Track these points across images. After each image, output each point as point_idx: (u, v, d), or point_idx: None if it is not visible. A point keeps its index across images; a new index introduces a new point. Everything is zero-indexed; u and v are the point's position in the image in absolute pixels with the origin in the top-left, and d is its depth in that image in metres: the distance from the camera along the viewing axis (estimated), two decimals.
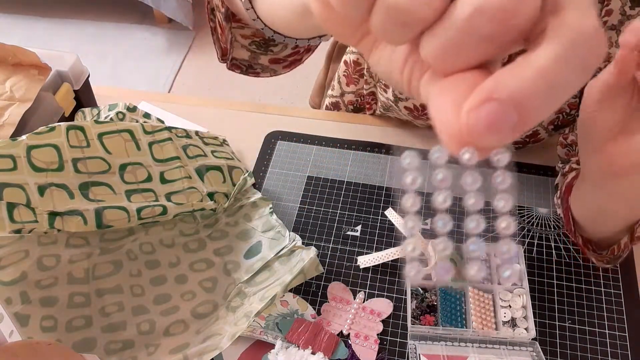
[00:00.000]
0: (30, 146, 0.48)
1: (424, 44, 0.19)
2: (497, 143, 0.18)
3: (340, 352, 0.51)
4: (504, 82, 0.17)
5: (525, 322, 0.52)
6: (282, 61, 0.56)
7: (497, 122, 0.17)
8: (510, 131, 0.18)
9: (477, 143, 0.18)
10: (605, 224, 0.51)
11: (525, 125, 0.18)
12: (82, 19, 2.26)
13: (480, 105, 0.18)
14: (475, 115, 0.18)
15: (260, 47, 0.52)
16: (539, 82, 0.17)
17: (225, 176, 0.62)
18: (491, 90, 0.17)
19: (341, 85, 0.78)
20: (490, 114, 0.17)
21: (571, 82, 0.18)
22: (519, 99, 0.17)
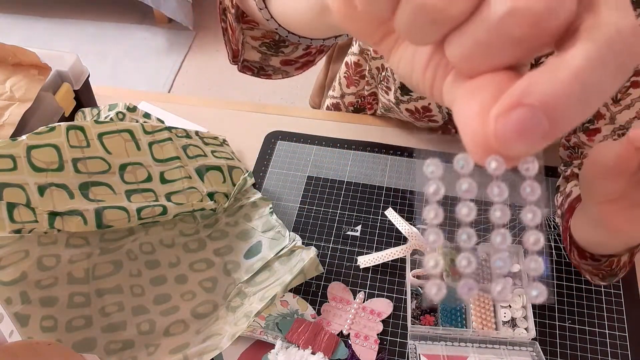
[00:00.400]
0: (30, 146, 0.48)
1: (450, 44, 0.18)
2: (526, 151, 0.17)
3: (340, 352, 0.51)
4: (536, 85, 0.16)
5: (525, 322, 0.52)
6: (293, 62, 0.55)
7: (527, 129, 0.16)
8: (541, 139, 0.16)
9: (505, 151, 0.17)
10: (604, 249, 0.50)
11: (557, 131, 0.16)
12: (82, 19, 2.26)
13: (509, 111, 0.16)
14: (504, 121, 0.16)
15: (270, 48, 0.52)
16: (574, 85, 0.16)
17: (225, 176, 0.62)
18: (522, 95, 0.16)
19: (341, 86, 0.78)
20: (521, 121, 0.16)
21: (607, 85, 0.16)
22: (551, 104, 0.16)
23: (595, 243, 0.50)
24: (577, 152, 0.59)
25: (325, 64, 0.87)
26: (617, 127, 0.54)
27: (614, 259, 0.50)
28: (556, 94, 0.16)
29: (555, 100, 0.16)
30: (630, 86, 0.53)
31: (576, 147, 0.59)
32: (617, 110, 0.54)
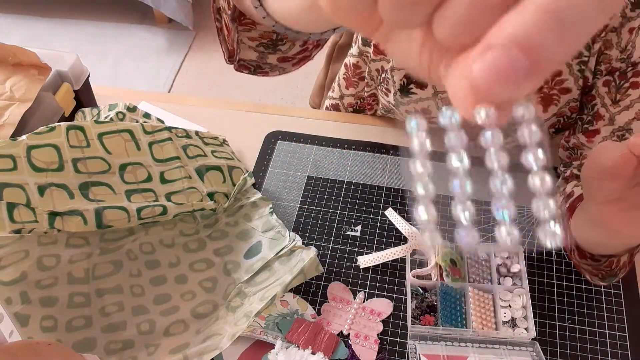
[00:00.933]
0: (30, 146, 0.48)
1: (436, 25, 0.18)
2: (514, 94, 0.16)
3: (340, 352, 0.51)
4: (505, 25, 0.16)
5: (525, 322, 0.52)
6: (290, 59, 0.55)
7: (505, 70, 0.16)
8: (524, 78, 0.16)
9: (490, 98, 0.17)
10: (604, 250, 0.51)
11: (541, 68, 0.16)
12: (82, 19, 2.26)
13: (482, 55, 0.16)
14: (480, 65, 0.16)
15: (267, 47, 0.52)
16: (544, 17, 0.15)
17: (225, 176, 0.62)
18: (492, 37, 0.16)
19: (341, 88, 0.78)
20: (496, 62, 0.16)
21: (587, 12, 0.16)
22: (523, 39, 0.15)
23: (595, 243, 0.50)
24: (577, 153, 0.59)
25: (325, 64, 0.87)
26: (617, 128, 0.54)
27: (614, 260, 0.50)
28: (526, 29, 0.15)
29: (527, 34, 0.15)
30: (630, 87, 0.53)
31: (575, 148, 0.59)
32: (616, 111, 0.54)
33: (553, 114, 0.61)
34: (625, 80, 0.53)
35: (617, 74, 0.54)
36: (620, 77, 0.53)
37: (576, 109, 0.60)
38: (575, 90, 0.57)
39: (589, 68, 0.55)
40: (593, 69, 0.55)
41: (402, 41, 0.22)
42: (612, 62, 0.53)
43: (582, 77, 0.56)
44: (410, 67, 0.23)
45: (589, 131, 0.57)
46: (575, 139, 0.58)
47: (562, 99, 0.59)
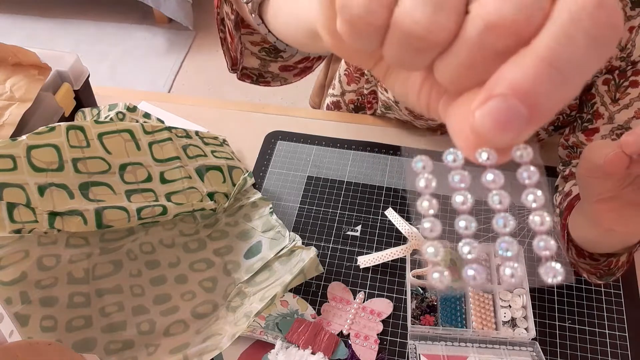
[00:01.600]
0: (30, 146, 0.48)
1: (437, 68, 0.19)
2: (513, 140, 0.17)
3: (340, 352, 0.51)
4: (505, 75, 0.16)
5: (525, 322, 0.52)
6: (292, 68, 0.56)
7: (505, 118, 0.16)
8: (524, 125, 0.16)
9: (490, 143, 0.17)
10: (602, 248, 0.51)
11: (539, 116, 0.17)
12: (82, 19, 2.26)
13: (483, 104, 0.17)
14: (481, 113, 0.17)
15: (270, 53, 0.52)
16: (541, 67, 0.16)
17: (225, 176, 0.62)
18: (492, 87, 0.17)
19: (342, 84, 0.78)
20: (496, 111, 0.16)
21: (582, 61, 0.16)
22: (522, 89, 0.16)
23: (592, 241, 0.50)
24: (576, 152, 0.59)
25: (325, 64, 0.87)
26: (616, 126, 0.54)
27: (613, 260, 0.50)
28: (525, 79, 0.16)
29: (525, 84, 0.16)
30: (629, 86, 0.53)
31: (575, 146, 0.59)
32: (615, 109, 0.54)
33: None
34: (625, 79, 0.53)
35: (616, 73, 0.54)
36: (620, 76, 0.53)
37: (575, 106, 0.60)
38: None
39: None
40: None
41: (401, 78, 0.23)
42: (611, 60, 0.53)
43: None
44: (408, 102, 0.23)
45: (589, 130, 0.57)
46: (575, 138, 0.58)
47: None
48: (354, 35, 0.20)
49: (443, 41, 0.18)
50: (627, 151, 0.36)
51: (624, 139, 0.36)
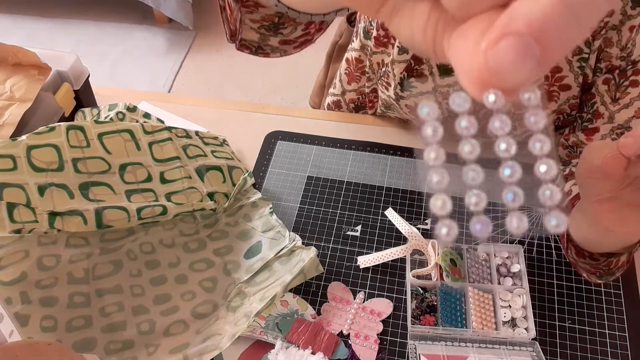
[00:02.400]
0: (30, 146, 0.48)
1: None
2: (523, 81, 0.17)
3: (340, 352, 0.51)
4: (520, 12, 0.16)
5: (525, 322, 0.52)
6: (292, 42, 0.55)
7: (519, 58, 0.16)
8: (535, 64, 0.16)
9: (501, 83, 0.17)
10: (601, 248, 0.51)
11: (551, 57, 0.16)
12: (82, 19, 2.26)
13: (497, 42, 0.16)
14: (494, 53, 0.16)
15: (269, 30, 0.52)
16: (557, 5, 0.15)
17: (225, 176, 0.62)
18: (507, 24, 0.16)
19: (342, 83, 0.78)
20: (510, 50, 0.16)
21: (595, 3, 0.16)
22: (538, 28, 0.16)
23: (591, 241, 0.50)
24: (576, 151, 0.59)
25: (325, 64, 0.87)
26: (616, 126, 0.54)
27: (613, 260, 0.50)
28: (540, 17, 0.16)
29: (541, 22, 0.16)
30: (629, 85, 0.53)
31: (575, 146, 0.59)
32: (615, 109, 0.54)
33: (553, 110, 0.61)
34: (625, 79, 0.53)
35: (617, 72, 0.54)
36: (620, 76, 0.53)
37: (576, 106, 0.60)
38: (575, 87, 0.57)
39: (589, 65, 0.55)
40: (593, 66, 0.55)
41: (406, 17, 0.22)
42: (612, 60, 0.53)
43: (582, 74, 0.56)
44: (414, 44, 0.23)
45: (589, 129, 0.57)
46: (575, 137, 0.58)
47: (562, 96, 0.59)
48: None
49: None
50: (625, 153, 0.36)
51: (622, 141, 0.36)
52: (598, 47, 0.54)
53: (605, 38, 0.53)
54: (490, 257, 0.58)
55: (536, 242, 0.60)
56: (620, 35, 0.52)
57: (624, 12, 0.51)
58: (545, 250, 0.59)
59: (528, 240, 0.60)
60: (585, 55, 0.55)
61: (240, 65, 2.00)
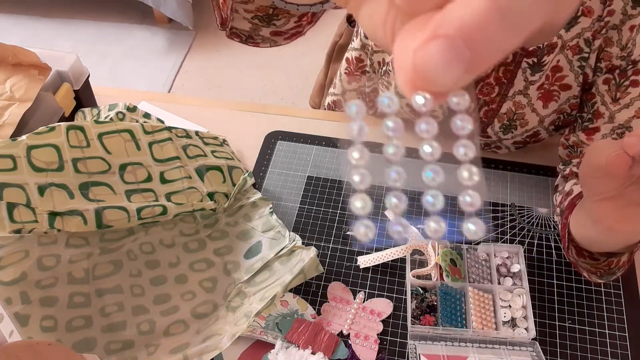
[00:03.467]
0: (30, 146, 0.48)
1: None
2: (451, 84, 0.16)
3: (340, 352, 0.51)
4: (451, 15, 0.16)
5: (525, 322, 0.52)
6: (283, 34, 0.55)
7: (446, 61, 0.15)
8: (463, 69, 0.16)
9: (428, 85, 0.16)
10: (603, 247, 0.51)
11: (481, 62, 0.16)
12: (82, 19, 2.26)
13: (426, 44, 0.16)
14: (421, 54, 0.16)
15: (262, 20, 0.52)
16: (490, 10, 0.15)
17: (225, 176, 0.62)
18: (437, 26, 0.16)
19: (343, 83, 0.78)
20: (438, 53, 0.15)
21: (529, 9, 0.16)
22: (468, 31, 0.15)
23: (593, 241, 0.50)
24: (576, 151, 0.59)
25: (325, 64, 0.87)
26: (616, 126, 0.54)
27: (614, 259, 0.50)
28: (472, 21, 0.15)
29: (472, 27, 0.15)
30: (630, 85, 0.53)
31: (575, 146, 0.59)
32: (616, 109, 0.54)
33: (553, 110, 0.60)
34: (626, 79, 0.53)
35: (617, 72, 0.54)
36: (621, 75, 0.53)
37: (576, 106, 0.60)
38: (576, 86, 0.57)
39: (589, 65, 0.55)
40: (593, 66, 0.55)
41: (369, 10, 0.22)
42: (612, 59, 0.53)
43: (582, 73, 0.56)
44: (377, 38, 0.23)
45: (589, 129, 0.57)
46: (575, 137, 0.58)
47: (562, 96, 0.59)
48: None
49: None
50: (630, 152, 0.36)
51: (627, 140, 0.36)
52: (598, 46, 0.54)
53: (605, 37, 0.53)
54: (490, 257, 0.58)
55: (536, 242, 0.60)
56: (620, 34, 0.52)
57: (624, 11, 0.51)
58: (545, 250, 0.59)
59: (528, 241, 0.60)
60: (585, 54, 0.55)
61: (240, 65, 2.00)
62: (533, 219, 0.62)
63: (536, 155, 0.68)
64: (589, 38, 0.53)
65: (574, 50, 0.55)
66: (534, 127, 0.63)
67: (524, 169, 0.67)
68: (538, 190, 0.65)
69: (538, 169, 0.67)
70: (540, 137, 0.65)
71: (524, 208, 0.63)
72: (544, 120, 0.62)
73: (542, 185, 0.65)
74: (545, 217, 0.62)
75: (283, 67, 1.94)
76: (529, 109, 0.61)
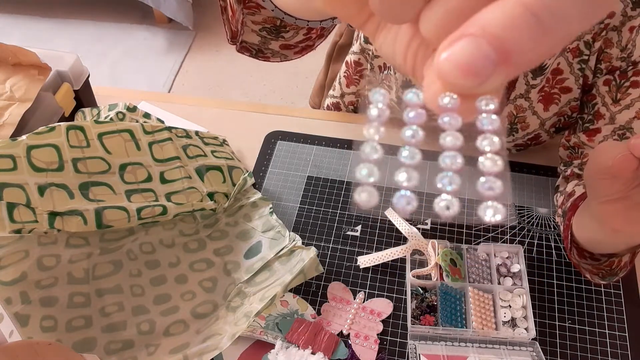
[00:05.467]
0: (30, 146, 0.48)
1: (423, 20, 0.18)
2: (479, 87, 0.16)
3: (340, 352, 0.51)
4: (481, 16, 0.15)
5: (525, 322, 0.52)
6: (293, 47, 0.55)
7: (471, 61, 0.15)
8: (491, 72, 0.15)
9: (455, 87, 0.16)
10: (605, 248, 0.51)
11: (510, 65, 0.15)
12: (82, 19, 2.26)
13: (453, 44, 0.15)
14: (447, 54, 0.15)
15: (271, 32, 0.52)
16: (521, 12, 0.14)
17: (225, 176, 0.62)
18: (466, 26, 0.15)
19: (341, 86, 0.78)
20: (462, 52, 0.15)
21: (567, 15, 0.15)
22: (495, 32, 0.15)
23: (597, 242, 0.50)
24: (577, 152, 0.59)
25: (325, 64, 0.87)
26: (617, 127, 0.54)
27: (615, 260, 0.50)
28: (501, 23, 0.15)
29: (501, 29, 0.15)
30: (630, 86, 0.53)
31: (576, 147, 0.59)
32: (616, 110, 0.54)
33: (554, 113, 0.61)
34: (626, 79, 0.53)
35: (617, 73, 0.54)
36: (621, 76, 0.53)
37: (576, 108, 0.60)
38: (576, 89, 0.57)
39: (589, 66, 0.55)
40: (593, 68, 0.55)
41: (390, 37, 0.22)
42: (612, 60, 0.53)
43: (583, 75, 0.56)
44: (396, 63, 0.22)
45: (590, 130, 0.57)
46: (576, 138, 0.58)
47: (563, 98, 0.59)
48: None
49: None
50: (636, 153, 0.36)
51: (633, 142, 0.36)
52: (598, 48, 0.54)
53: (605, 39, 0.53)
54: (490, 257, 0.58)
55: (536, 242, 0.60)
56: (620, 36, 0.52)
57: (624, 13, 0.51)
58: (545, 250, 0.59)
59: (528, 240, 0.60)
60: (585, 57, 0.55)
61: (240, 65, 2.00)
62: (533, 219, 0.62)
63: (537, 156, 0.68)
64: (589, 40, 0.53)
65: (574, 53, 0.55)
66: (534, 129, 0.63)
67: (524, 169, 0.67)
68: (538, 190, 0.65)
69: (538, 169, 0.67)
70: (541, 140, 0.65)
71: (524, 208, 0.63)
72: (544, 123, 0.62)
73: (542, 185, 0.65)
74: (545, 217, 0.62)
75: (283, 67, 1.94)
76: (530, 112, 0.61)
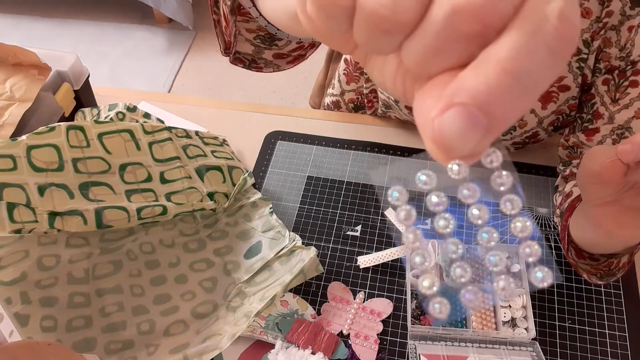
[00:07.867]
0: (30, 146, 0.48)
1: (404, 50, 0.18)
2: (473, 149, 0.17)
3: (340, 352, 0.51)
4: (465, 83, 0.16)
5: (525, 322, 0.52)
6: (286, 56, 0.56)
7: (464, 128, 0.16)
8: (482, 135, 0.16)
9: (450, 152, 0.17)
10: (603, 249, 0.51)
11: (498, 126, 0.16)
12: (82, 19, 2.26)
13: (443, 113, 0.16)
14: (439, 123, 0.16)
15: (265, 41, 0.52)
16: (502, 77, 0.16)
17: (225, 176, 0.62)
18: (453, 95, 0.16)
19: (341, 83, 0.78)
20: (455, 120, 0.16)
21: (542, 73, 0.16)
22: (483, 99, 0.16)
23: (593, 243, 0.50)
24: (576, 152, 0.59)
25: (325, 64, 0.87)
26: (616, 126, 0.54)
27: (613, 260, 0.50)
28: (486, 89, 0.16)
29: (486, 94, 0.16)
30: (629, 85, 0.53)
31: (575, 146, 0.59)
32: (615, 110, 0.54)
33: (552, 111, 0.61)
34: (625, 79, 0.53)
35: (616, 73, 0.54)
36: (620, 76, 0.53)
37: (575, 107, 0.60)
38: (574, 87, 0.57)
39: (588, 65, 0.55)
40: (592, 67, 0.55)
41: (378, 64, 0.23)
42: (611, 60, 0.53)
43: (581, 74, 0.56)
44: (386, 89, 0.23)
45: (589, 130, 0.57)
46: (575, 138, 0.58)
47: (561, 97, 0.59)
48: (322, 16, 0.19)
49: (409, 22, 0.17)
50: (624, 159, 0.36)
51: (621, 147, 0.36)
52: (597, 47, 0.54)
53: (604, 38, 0.53)
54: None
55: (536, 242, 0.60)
56: (619, 35, 0.52)
57: (623, 12, 0.51)
58: (545, 250, 0.59)
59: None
60: (584, 55, 0.55)
61: None
62: (533, 219, 0.62)
63: (536, 155, 0.68)
64: (588, 39, 0.53)
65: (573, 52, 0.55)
66: (532, 127, 0.63)
67: (524, 169, 0.67)
68: (538, 190, 0.65)
69: (538, 169, 0.67)
70: (539, 138, 0.65)
71: (524, 208, 0.63)
72: (542, 121, 0.62)
73: (542, 185, 0.65)
74: (545, 217, 0.62)
75: None
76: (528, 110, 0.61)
